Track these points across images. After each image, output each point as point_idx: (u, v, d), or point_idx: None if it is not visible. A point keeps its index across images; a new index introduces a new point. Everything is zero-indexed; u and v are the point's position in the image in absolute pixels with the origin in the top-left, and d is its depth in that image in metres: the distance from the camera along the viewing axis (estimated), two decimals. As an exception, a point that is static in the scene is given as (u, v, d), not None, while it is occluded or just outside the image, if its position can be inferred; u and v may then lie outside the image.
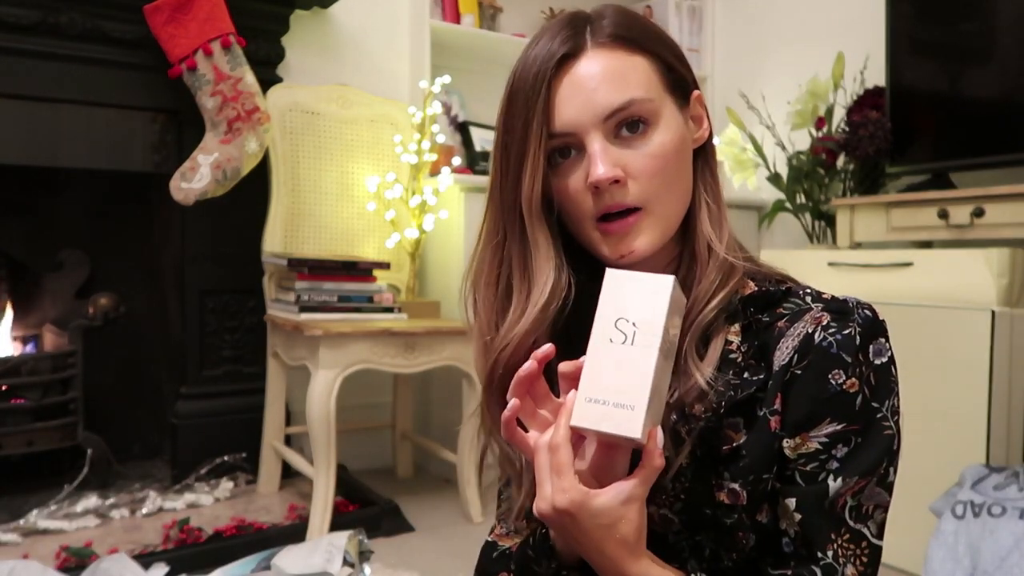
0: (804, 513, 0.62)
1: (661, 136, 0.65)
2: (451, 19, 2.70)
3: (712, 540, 0.65)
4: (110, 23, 2.00)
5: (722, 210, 0.70)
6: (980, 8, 2.06)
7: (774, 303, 0.67)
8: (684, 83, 0.70)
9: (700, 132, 0.72)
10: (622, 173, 0.64)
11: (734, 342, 0.66)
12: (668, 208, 0.67)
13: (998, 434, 1.65)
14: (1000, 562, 1.38)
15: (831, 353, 0.62)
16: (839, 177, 2.40)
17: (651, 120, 0.65)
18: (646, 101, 0.65)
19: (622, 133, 0.65)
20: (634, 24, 0.67)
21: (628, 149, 0.65)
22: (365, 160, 2.38)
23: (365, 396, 2.49)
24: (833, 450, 0.62)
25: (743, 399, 0.64)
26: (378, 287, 2.16)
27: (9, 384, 2.04)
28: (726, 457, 0.63)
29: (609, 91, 0.64)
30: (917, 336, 1.76)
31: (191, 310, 2.22)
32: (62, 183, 2.24)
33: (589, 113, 0.64)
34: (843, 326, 0.63)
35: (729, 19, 3.16)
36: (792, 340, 0.64)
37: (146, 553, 1.72)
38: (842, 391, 0.62)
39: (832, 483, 0.61)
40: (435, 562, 1.84)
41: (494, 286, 0.70)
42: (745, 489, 0.63)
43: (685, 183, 0.69)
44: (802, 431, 0.62)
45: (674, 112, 0.68)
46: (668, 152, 0.66)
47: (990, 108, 2.04)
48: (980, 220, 1.91)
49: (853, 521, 0.62)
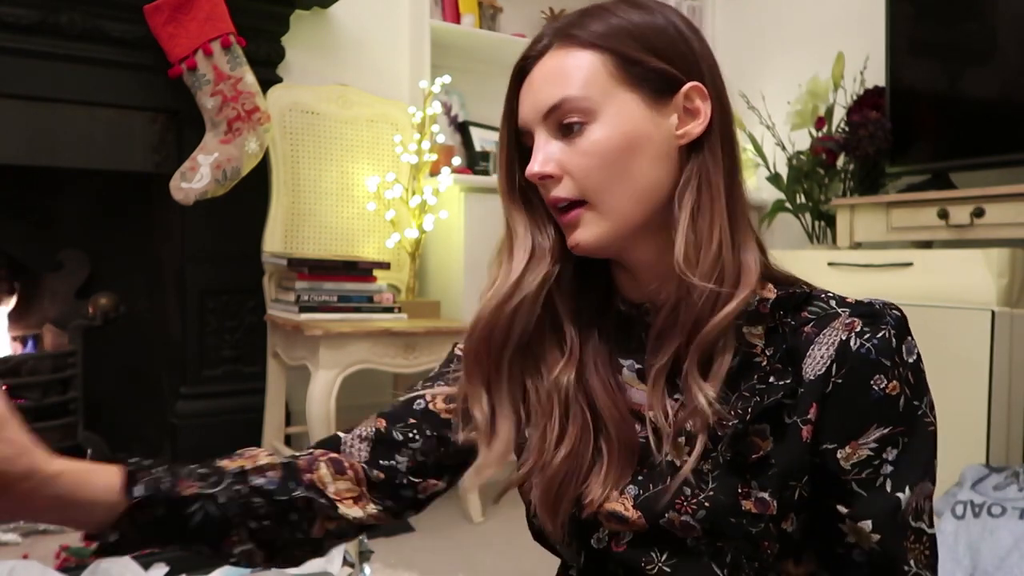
0: (883, 532, 0.62)
1: (598, 133, 0.65)
2: (451, 19, 2.70)
3: (734, 548, 0.63)
4: (110, 23, 2.00)
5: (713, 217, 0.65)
6: (980, 8, 2.06)
7: (799, 307, 0.66)
8: (660, 76, 0.66)
9: (689, 127, 0.67)
10: (555, 169, 0.66)
11: (758, 345, 0.65)
12: (616, 204, 0.66)
13: (998, 434, 1.65)
14: (1000, 562, 1.38)
15: (871, 360, 0.62)
16: (839, 177, 2.40)
17: (586, 117, 0.65)
18: (580, 99, 0.65)
19: (563, 130, 0.67)
20: (594, 21, 0.67)
21: (567, 145, 0.67)
22: (365, 160, 2.38)
23: (365, 396, 2.49)
24: (884, 453, 0.62)
25: (770, 405, 0.63)
26: (378, 287, 2.16)
27: (9, 384, 2.04)
28: (753, 465, 0.63)
29: (547, 91, 0.67)
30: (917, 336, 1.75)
31: (191, 310, 2.22)
32: (62, 183, 2.24)
33: (533, 112, 0.68)
34: (876, 330, 0.63)
35: (729, 19, 3.16)
36: (826, 348, 0.63)
37: (146, 553, 1.72)
38: (885, 395, 0.62)
39: (901, 495, 0.62)
40: (435, 562, 1.84)
41: (500, 253, 0.74)
42: (775, 499, 0.62)
43: (644, 181, 0.66)
44: (851, 440, 0.62)
45: (632, 107, 0.66)
46: (606, 149, 0.65)
47: (990, 108, 2.04)
48: (980, 220, 1.91)
49: (914, 521, 0.63)
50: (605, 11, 0.68)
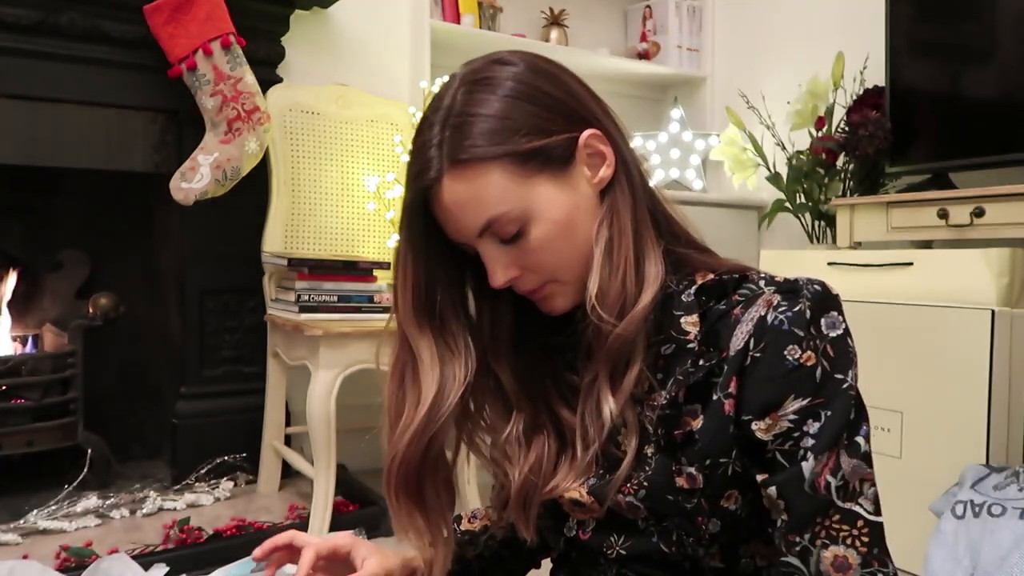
0: (788, 499, 0.62)
1: (537, 230, 0.68)
2: (451, 19, 2.70)
3: (676, 525, 0.67)
4: (110, 23, 2.00)
5: (624, 247, 0.69)
6: (980, 8, 2.06)
7: (729, 291, 0.69)
8: (558, 149, 0.68)
9: (601, 173, 0.70)
10: (516, 271, 0.70)
11: (691, 332, 0.68)
12: (575, 269, 0.71)
13: (998, 434, 1.65)
14: (1000, 562, 1.38)
15: (784, 330, 0.63)
16: (839, 177, 2.40)
17: (522, 222, 0.68)
18: (506, 213, 0.67)
19: (502, 239, 0.69)
20: (484, 129, 0.66)
21: (514, 248, 0.69)
22: (365, 160, 2.38)
23: (365, 396, 2.48)
24: (804, 426, 0.62)
25: (695, 384, 0.66)
26: (378, 287, 2.15)
27: (9, 384, 2.04)
28: (682, 442, 0.66)
29: (470, 217, 0.68)
30: (917, 336, 1.76)
31: (191, 310, 2.22)
32: (62, 183, 2.24)
33: (463, 234, 0.69)
34: (793, 303, 0.64)
35: (729, 19, 3.16)
36: (747, 325, 0.65)
37: (146, 553, 1.72)
38: (800, 365, 0.63)
39: (805, 464, 0.62)
40: (435, 562, 1.84)
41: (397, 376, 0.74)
42: (702, 473, 0.65)
43: (586, 239, 0.70)
44: (770, 411, 0.63)
45: (548, 192, 0.68)
46: (551, 238, 0.68)
47: (990, 108, 2.04)
48: (980, 220, 1.91)
49: (842, 501, 0.61)
50: (473, 113, 0.67)
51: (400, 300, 0.73)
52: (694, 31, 3.19)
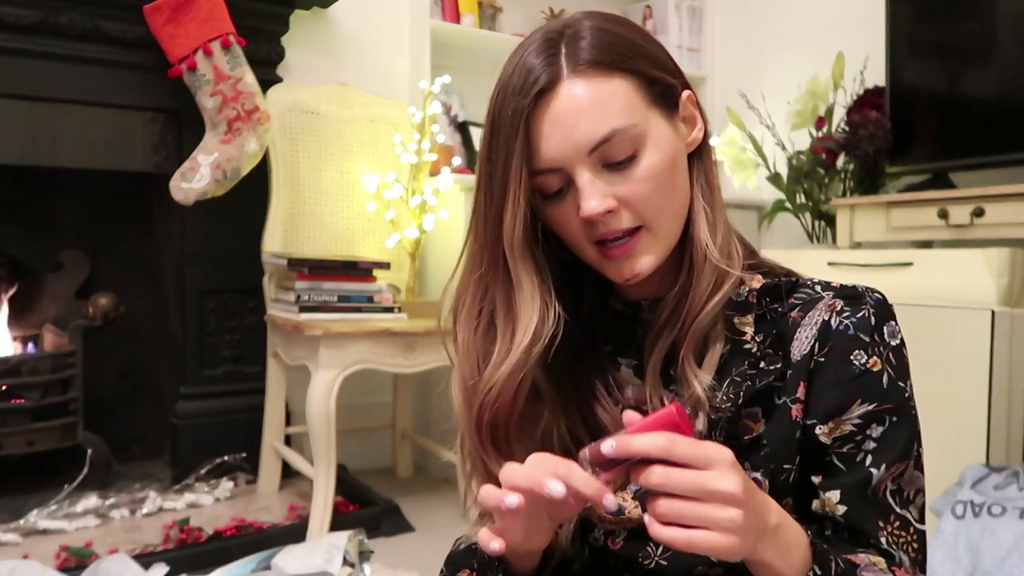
0: (849, 503, 0.62)
1: (650, 158, 0.64)
2: (451, 19, 2.70)
3: None
4: (110, 23, 2.00)
5: (717, 212, 0.69)
6: (980, 8, 2.06)
7: (783, 294, 0.69)
8: (671, 90, 0.67)
9: (694, 134, 0.69)
10: (614, 203, 0.64)
11: (747, 333, 0.67)
12: (668, 223, 0.67)
13: (998, 434, 1.65)
14: (1000, 562, 1.37)
15: (849, 335, 0.64)
16: (839, 177, 2.40)
17: (637, 145, 0.63)
18: (629, 128, 0.62)
19: (610, 162, 0.63)
20: (611, 42, 0.64)
21: (618, 176, 0.64)
22: (365, 160, 2.38)
23: (365, 396, 2.49)
24: (868, 430, 0.63)
25: (762, 388, 0.65)
26: (378, 287, 2.16)
27: (9, 384, 2.04)
28: (747, 447, 0.64)
29: (589, 124, 0.62)
30: (917, 336, 1.75)
31: (191, 310, 2.22)
32: (62, 183, 2.24)
33: (571, 149, 0.62)
34: (856, 309, 0.65)
35: (729, 19, 3.16)
36: (810, 329, 0.65)
37: (146, 553, 1.72)
38: (866, 371, 0.63)
39: (875, 471, 0.62)
40: (435, 562, 1.83)
41: (475, 321, 0.68)
42: (767, 478, 0.64)
43: (682, 194, 0.68)
44: (834, 416, 0.63)
45: (662, 126, 0.65)
46: (660, 172, 0.64)
47: (990, 108, 2.04)
48: (980, 220, 1.91)
49: (899, 507, 0.62)
50: (607, 32, 0.65)
51: (509, 219, 0.64)
52: (694, 31, 3.19)
